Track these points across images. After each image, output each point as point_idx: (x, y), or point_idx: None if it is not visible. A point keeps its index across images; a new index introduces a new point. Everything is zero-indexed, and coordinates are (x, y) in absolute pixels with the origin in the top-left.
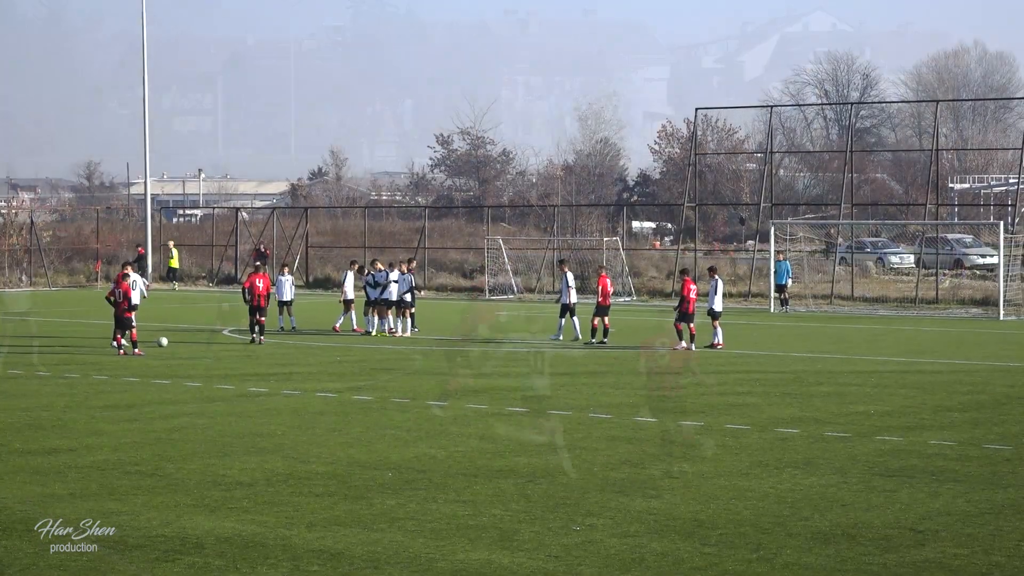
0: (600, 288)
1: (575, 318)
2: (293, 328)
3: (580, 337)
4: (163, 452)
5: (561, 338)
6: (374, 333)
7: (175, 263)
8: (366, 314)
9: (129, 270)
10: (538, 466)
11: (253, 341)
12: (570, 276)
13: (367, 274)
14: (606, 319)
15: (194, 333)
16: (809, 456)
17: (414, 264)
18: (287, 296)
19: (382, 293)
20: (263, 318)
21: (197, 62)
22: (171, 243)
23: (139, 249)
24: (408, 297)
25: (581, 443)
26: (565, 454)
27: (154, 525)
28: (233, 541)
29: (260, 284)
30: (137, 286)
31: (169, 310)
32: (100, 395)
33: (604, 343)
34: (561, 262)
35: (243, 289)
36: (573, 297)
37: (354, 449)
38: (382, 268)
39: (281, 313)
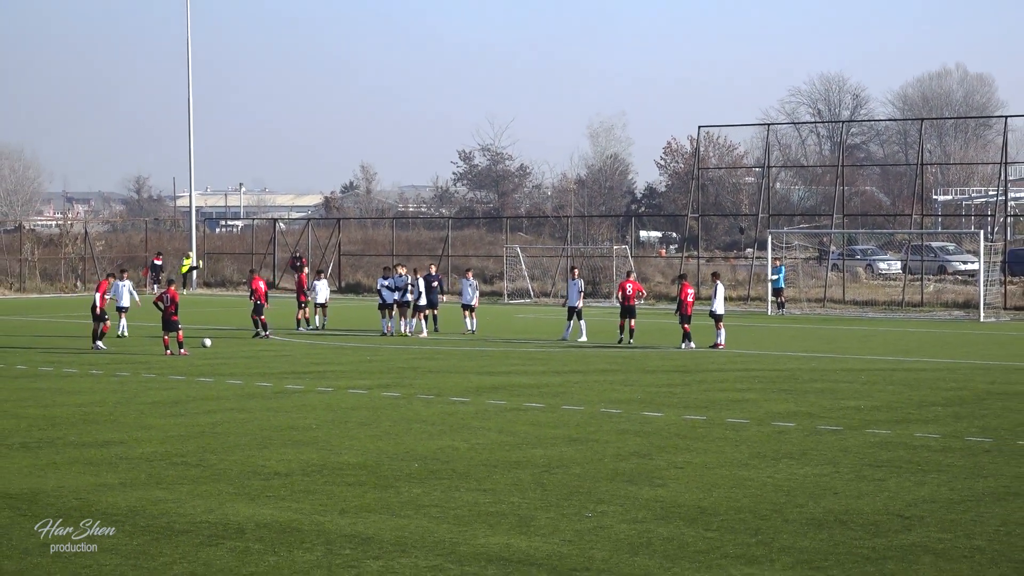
0: (621, 292)
1: (582, 321)
2: (322, 326)
3: (584, 338)
4: (207, 444)
5: (572, 337)
6: (394, 334)
7: (185, 269)
8: (384, 316)
9: (126, 277)
10: (553, 457)
11: (258, 335)
12: (580, 282)
13: (389, 278)
14: (632, 321)
15: (235, 334)
16: (804, 448)
17: (422, 269)
18: (322, 298)
19: (403, 296)
20: (262, 316)
21: (237, 83)
22: (191, 252)
23: (156, 257)
24: (422, 301)
25: (593, 436)
26: None
27: (199, 512)
28: (271, 526)
29: (262, 286)
30: (126, 291)
31: (211, 314)
32: (148, 392)
33: (630, 343)
34: (573, 268)
35: (251, 290)
36: (580, 301)
37: (383, 442)
38: (403, 272)
39: (316, 313)
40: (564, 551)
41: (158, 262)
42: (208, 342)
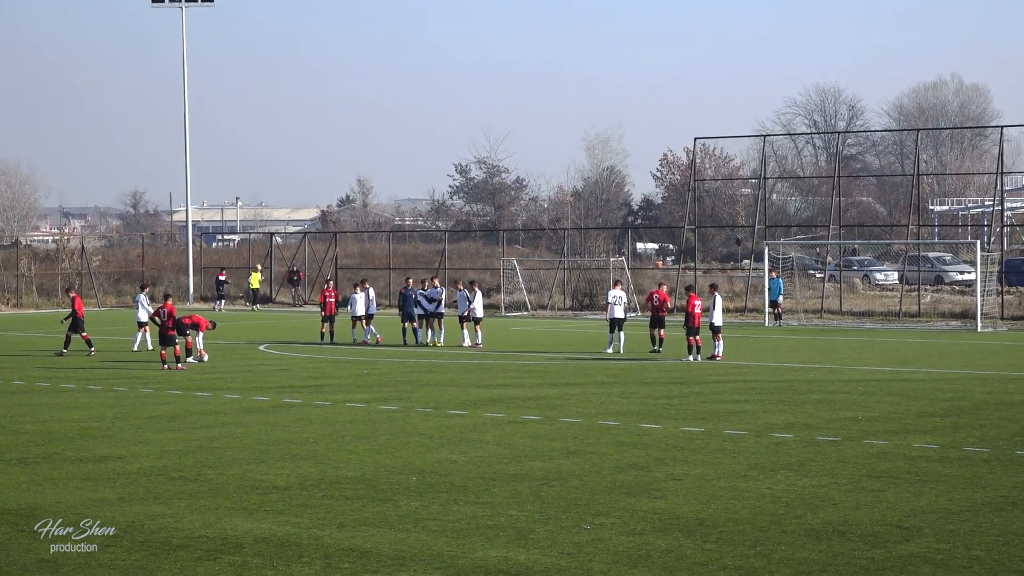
0: (649, 301)
1: (622, 333)
2: (360, 340)
3: (620, 351)
4: (204, 459)
5: (614, 350)
6: (438, 343)
7: (255, 284)
8: (418, 327)
9: (145, 292)
10: (551, 470)
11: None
12: (621, 293)
13: (426, 289)
14: (662, 331)
15: (232, 348)
16: (802, 459)
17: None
18: (360, 311)
19: (438, 307)
20: (84, 333)
21: (233, 97)
22: (259, 266)
23: (220, 272)
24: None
25: (591, 448)
26: None
27: (197, 526)
28: (270, 541)
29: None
30: (142, 307)
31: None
32: (146, 407)
33: (659, 351)
34: (616, 282)
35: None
36: (620, 312)
37: (381, 455)
38: (438, 285)
39: (354, 327)
40: (563, 564)
41: (222, 277)
42: (206, 357)
